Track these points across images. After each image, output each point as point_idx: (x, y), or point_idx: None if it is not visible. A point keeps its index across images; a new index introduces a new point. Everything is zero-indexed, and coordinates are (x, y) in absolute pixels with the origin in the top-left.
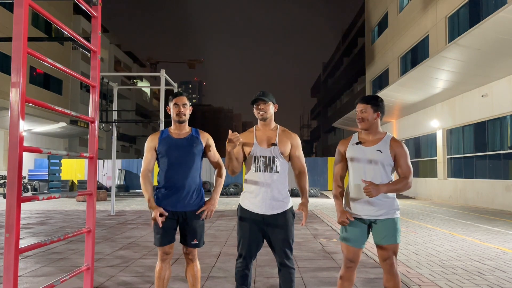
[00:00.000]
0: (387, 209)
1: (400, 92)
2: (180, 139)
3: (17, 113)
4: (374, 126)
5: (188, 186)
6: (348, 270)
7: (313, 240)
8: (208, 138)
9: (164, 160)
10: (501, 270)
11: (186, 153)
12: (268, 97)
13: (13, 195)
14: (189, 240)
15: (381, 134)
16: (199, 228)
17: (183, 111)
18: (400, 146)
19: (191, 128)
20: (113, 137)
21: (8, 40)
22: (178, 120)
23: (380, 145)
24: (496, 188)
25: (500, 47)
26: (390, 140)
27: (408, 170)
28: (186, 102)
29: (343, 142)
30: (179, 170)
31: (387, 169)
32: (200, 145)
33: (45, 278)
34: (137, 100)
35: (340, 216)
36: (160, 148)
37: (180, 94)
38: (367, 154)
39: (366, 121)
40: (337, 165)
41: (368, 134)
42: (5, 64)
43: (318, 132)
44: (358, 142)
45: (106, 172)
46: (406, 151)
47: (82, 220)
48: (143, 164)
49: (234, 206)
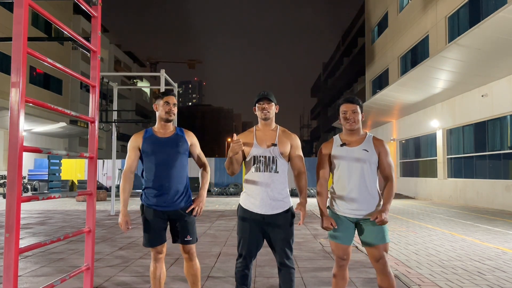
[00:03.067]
0: (372, 209)
1: (400, 92)
2: (165, 138)
3: (17, 113)
4: (360, 126)
5: (176, 186)
6: (341, 268)
7: (313, 240)
8: (193, 137)
9: (150, 160)
10: (501, 270)
11: (171, 153)
12: (271, 97)
13: (13, 195)
14: (182, 238)
15: (363, 134)
16: (190, 225)
17: (173, 110)
18: (382, 144)
19: (175, 127)
20: (113, 137)
21: (8, 40)
22: (167, 119)
23: (365, 144)
24: (496, 188)
25: (500, 47)
26: (372, 139)
27: (390, 167)
28: (175, 102)
29: (326, 145)
30: (166, 170)
31: (373, 167)
32: (186, 144)
33: (45, 278)
34: (137, 100)
35: (324, 221)
36: (145, 147)
37: (170, 94)
38: (353, 154)
39: (357, 121)
40: (321, 169)
41: (352, 134)
42: (5, 64)
43: (318, 132)
44: (342, 144)
45: (106, 172)
46: (387, 148)
47: (82, 220)
48: (126, 164)
49: (234, 206)
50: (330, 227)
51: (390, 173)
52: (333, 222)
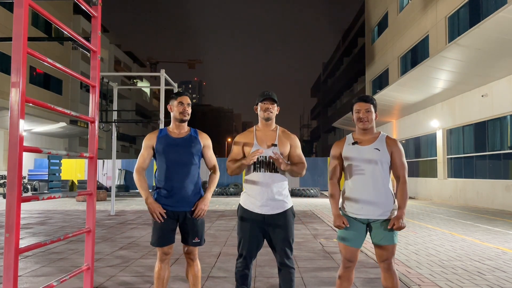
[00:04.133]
0: (384, 209)
1: (400, 92)
2: (178, 139)
3: (17, 113)
4: (373, 125)
5: (187, 186)
6: (347, 270)
7: (313, 240)
8: (206, 139)
9: (162, 159)
10: (501, 270)
11: (184, 153)
12: (275, 98)
13: (13, 195)
14: (190, 239)
15: (376, 133)
16: (199, 227)
17: (188, 110)
18: (396, 144)
19: (190, 128)
20: (113, 137)
21: (8, 40)
22: (181, 119)
23: (377, 143)
24: (496, 188)
25: (500, 47)
26: (385, 138)
27: (403, 167)
28: (190, 102)
29: (338, 143)
30: (178, 170)
31: (385, 167)
32: (199, 145)
33: (45, 278)
34: (137, 100)
35: (336, 220)
36: (158, 146)
37: (184, 94)
38: (365, 154)
39: (371, 120)
40: (332, 167)
41: (365, 133)
42: (5, 64)
43: (318, 132)
44: (354, 142)
45: (106, 172)
46: (401, 148)
47: (82, 220)
48: (138, 161)
49: (234, 206)
50: (342, 226)
51: (403, 174)
52: (345, 221)
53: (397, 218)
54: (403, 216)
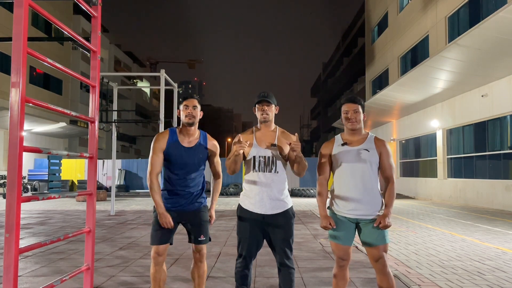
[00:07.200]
0: (372, 209)
1: (400, 92)
2: (189, 149)
3: (17, 113)
4: (361, 126)
5: (192, 190)
6: (341, 268)
7: (313, 240)
8: (214, 145)
9: (169, 165)
10: (501, 270)
11: (194, 164)
12: (272, 99)
13: (13, 195)
14: (196, 237)
15: (364, 134)
16: (204, 225)
17: (193, 113)
18: (384, 145)
19: (200, 132)
20: (113, 137)
21: (8, 40)
22: (187, 122)
23: (366, 144)
24: (496, 188)
25: (500, 47)
26: (374, 139)
27: (391, 168)
28: (197, 104)
29: (327, 144)
30: (183, 179)
31: (374, 168)
32: (206, 152)
33: (45, 278)
34: (137, 100)
35: (323, 221)
36: (168, 153)
37: (190, 96)
38: (354, 154)
39: (359, 121)
40: (321, 168)
41: (354, 134)
42: (5, 64)
43: (318, 132)
44: (344, 143)
45: (106, 172)
46: (389, 149)
47: (82, 220)
48: (151, 165)
49: (234, 206)
50: (328, 227)
51: (390, 175)
52: (332, 222)
53: (383, 216)
54: (389, 215)
